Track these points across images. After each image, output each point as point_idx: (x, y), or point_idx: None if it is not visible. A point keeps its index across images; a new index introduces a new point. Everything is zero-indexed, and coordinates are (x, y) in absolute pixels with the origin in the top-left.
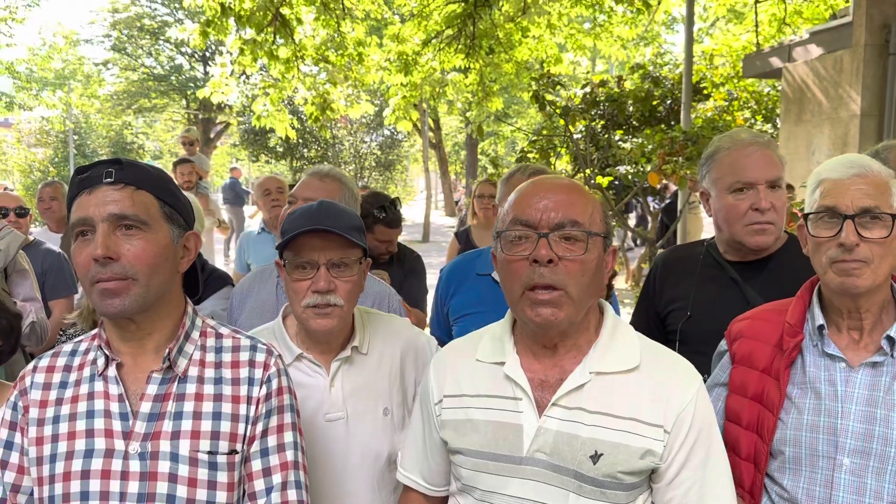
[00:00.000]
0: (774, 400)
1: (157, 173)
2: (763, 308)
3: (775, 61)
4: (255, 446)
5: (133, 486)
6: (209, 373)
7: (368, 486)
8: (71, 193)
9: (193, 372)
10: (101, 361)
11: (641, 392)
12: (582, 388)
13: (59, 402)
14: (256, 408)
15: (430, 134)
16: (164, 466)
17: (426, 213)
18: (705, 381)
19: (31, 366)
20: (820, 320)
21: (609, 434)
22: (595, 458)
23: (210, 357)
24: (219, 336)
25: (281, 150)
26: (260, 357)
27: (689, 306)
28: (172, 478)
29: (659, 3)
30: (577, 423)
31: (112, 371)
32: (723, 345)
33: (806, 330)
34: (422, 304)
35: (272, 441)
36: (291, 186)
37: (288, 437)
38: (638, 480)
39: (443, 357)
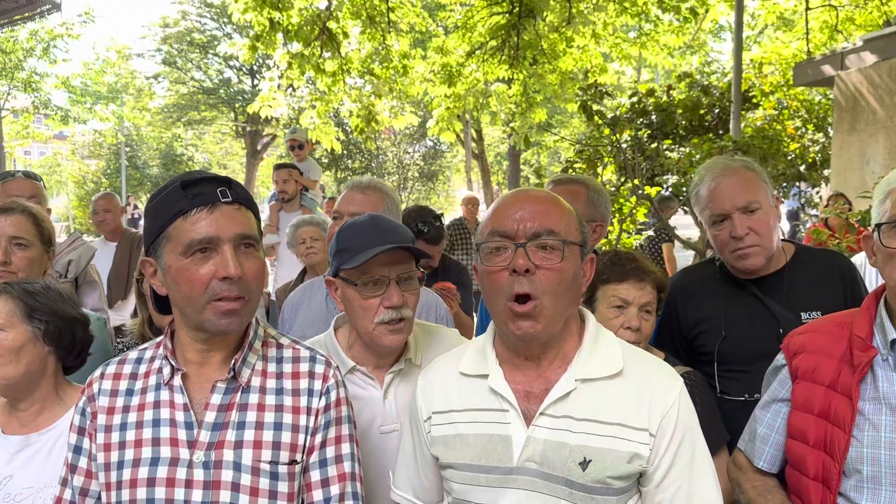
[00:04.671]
0: (845, 417)
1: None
2: (821, 321)
3: (827, 69)
4: (314, 457)
5: (197, 495)
6: (271, 383)
7: None
8: (177, 208)
9: (256, 382)
10: (166, 371)
11: (626, 397)
12: (568, 396)
13: (125, 409)
14: (316, 419)
15: (473, 144)
16: (227, 475)
17: None
18: (757, 399)
19: (98, 372)
20: (893, 334)
21: (597, 440)
22: (584, 464)
23: (271, 367)
24: (279, 346)
25: (326, 161)
26: (319, 368)
27: (723, 327)
28: (235, 487)
29: (706, 12)
30: (566, 431)
31: (177, 380)
32: (780, 359)
33: (875, 344)
34: (469, 313)
35: (331, 452)
36: (332, 199)
37: (346, 448)
38: (627, 485)
39: (429, 373)
